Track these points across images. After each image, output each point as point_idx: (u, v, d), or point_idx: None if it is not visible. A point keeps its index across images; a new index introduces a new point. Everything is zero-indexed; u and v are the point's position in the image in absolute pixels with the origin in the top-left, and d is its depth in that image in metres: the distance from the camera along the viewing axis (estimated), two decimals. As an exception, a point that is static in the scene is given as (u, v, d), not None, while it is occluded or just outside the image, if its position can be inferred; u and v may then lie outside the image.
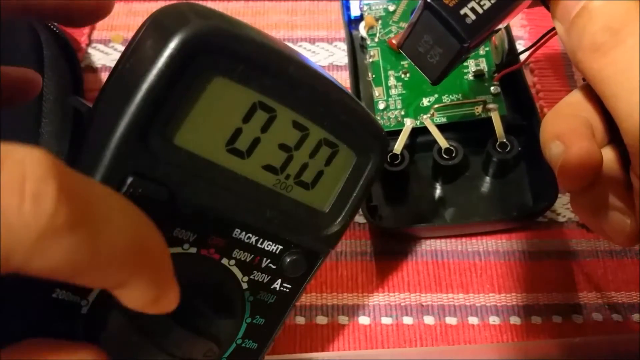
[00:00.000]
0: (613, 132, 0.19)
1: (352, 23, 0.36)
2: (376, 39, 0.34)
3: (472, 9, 0.18)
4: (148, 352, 0.18)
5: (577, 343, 0.28)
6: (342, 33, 0.37)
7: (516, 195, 0.31)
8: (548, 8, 0.19)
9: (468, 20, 0.18)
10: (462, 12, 0.18)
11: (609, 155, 0.19)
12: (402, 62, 0.33)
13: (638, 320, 0.29)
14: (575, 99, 0.20)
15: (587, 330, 0.28)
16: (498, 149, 0.30)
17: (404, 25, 0.34)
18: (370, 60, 0.34)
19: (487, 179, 0.31)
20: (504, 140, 0.29)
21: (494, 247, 0.31)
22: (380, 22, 0.34)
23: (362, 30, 0.35)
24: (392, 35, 0.34)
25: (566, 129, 0.18)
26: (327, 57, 0.37)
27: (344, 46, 0.37)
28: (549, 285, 0.29)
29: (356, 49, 0.35)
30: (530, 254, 0.30)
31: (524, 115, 0.31)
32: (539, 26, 0.37)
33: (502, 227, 0.31)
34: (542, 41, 0.23)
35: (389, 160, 0.30)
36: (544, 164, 0.29)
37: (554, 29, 0.20)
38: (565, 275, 0.30)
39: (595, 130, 0.19)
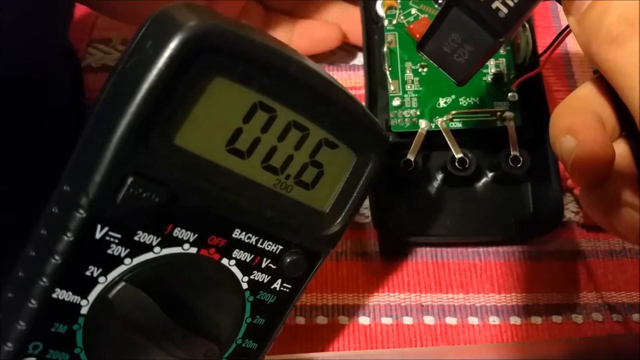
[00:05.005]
0: (624, 126, 0.19)
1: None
2: (394, 21, 0.32)
3: (504, 2, 0.18)
4: (148, 352, 0.18)
5: (577, 343, 0.28)
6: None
7: (520, 211, 0.30)
8: (559, 1, 0.19)
9: (501, 14, 0.18)
10: (493, 6, 0.18)
11: (621, 149, 0.19)
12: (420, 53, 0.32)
13: (638, 320, 0.29)
14: (586, 93, 0.19)
15: (587, 330, 0.28)
16: (510, 163, 0.29)
17: (425, 8, 0.32)
18: (388, 46, 0.32)
19: (495, 190, 0.31)
20: (517, 154, 0.29)
21: (494, 247, 0.31)
22: (399, 1, 0.32)
23: (380, 7, 0.32)
24: (411, 19, 0.32)
25: (578, 123, 0.18)
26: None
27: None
28: (549, 285, 0.29)
29: (371, 31, 0.33)
30: (530, 254, 0.30)
31: (537, 127, 0.30)
32: (539, 26, 0.37)
33: (501, 240, 0.31)
34: (558, 40, 0.23)
35: (402, 165, 0.29)
36: (551, 181, 0.28)
37: (567, 27, 0.20)
38: (565, 275, 0.30)
39: (607, 124, 0.19)
